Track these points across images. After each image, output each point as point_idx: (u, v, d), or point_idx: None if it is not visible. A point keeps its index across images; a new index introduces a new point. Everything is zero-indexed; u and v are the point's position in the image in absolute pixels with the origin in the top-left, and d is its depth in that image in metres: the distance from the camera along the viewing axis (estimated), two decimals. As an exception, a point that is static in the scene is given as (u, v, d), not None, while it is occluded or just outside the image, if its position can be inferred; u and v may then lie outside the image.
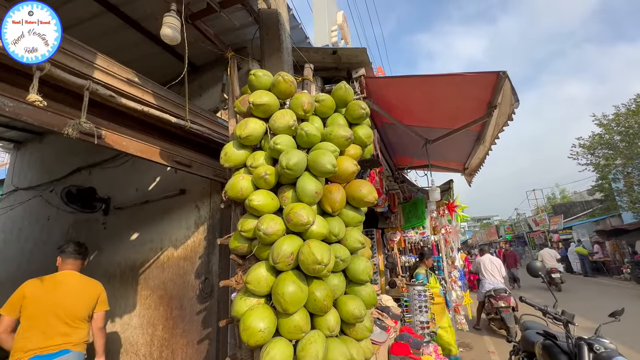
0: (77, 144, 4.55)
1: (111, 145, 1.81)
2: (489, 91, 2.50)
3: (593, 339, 1.87)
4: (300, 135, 1.55)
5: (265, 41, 2.22)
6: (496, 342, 5.70)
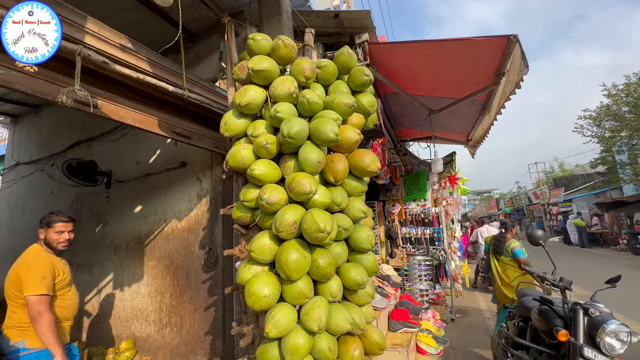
0: (74, 117, 4.49)
1: (108, 115, 1.77)
2: (497, 57, 2.40)
3: (589, 304, 1.93)
4: (302, 103, 1.50)
5: (263, 3, 2.10)
6: (492, 308, 5.92)
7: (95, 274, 3.90)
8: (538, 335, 2.26)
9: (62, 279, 2.01)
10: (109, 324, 3.58)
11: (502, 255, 3.72)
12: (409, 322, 2.75)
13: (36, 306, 1.80)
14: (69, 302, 2.08)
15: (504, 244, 3.67)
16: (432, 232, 5.65)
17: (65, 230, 2.05)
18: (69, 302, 2.08)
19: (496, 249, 3.81)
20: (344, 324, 1.36)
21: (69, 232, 2.08)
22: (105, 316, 3.65)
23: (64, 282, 2.03)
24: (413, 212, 5.86)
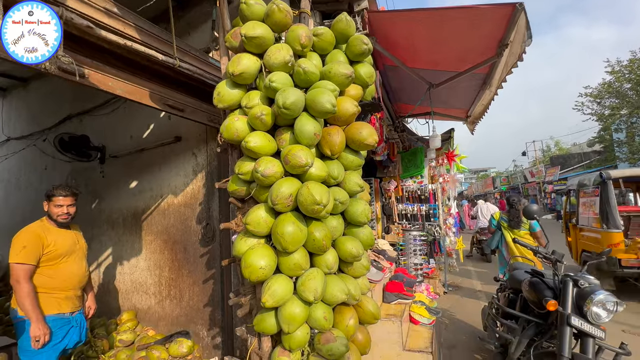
0: (63, 90, 4.36)
1: (96, 85, 1.70)
2: (502, 26, 2.31)
3: (579, 275, 1.98)
4: (298, 73, 1.44)
5: (256, -34, 1.97)
6: (483, 281, 6.10)
7: (94, 248, 3.93)
8: (527, 306, 2.34)
9: (53, 249, 2.01)
10: (109, 296, 3.66)
11: (518, 229, 3.89)
12: (403, 294, 2.83)
13: (14, 273, 1.88)
14: (64, 272, 2.07)
15: (520, 217, 3.78)
16: (428, 209, 5.70)
17: (65, 204, 2.08)
18: (64, 272, 2.07)
19: (512, 223, 3.94)
20: (339, 294, 1.39)
21: (69, 205, 2.11)
22: (106, 289, 3.72)
23: (55, 252, 2.02)
24: (410, 189, 5.88)
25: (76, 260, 2.17)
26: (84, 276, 2.22)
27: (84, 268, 2.23)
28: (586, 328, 1.81)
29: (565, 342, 1.79)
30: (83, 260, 2.25)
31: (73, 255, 2.15)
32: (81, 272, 2.20)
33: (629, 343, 1.93)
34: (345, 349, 1.35)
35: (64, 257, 2.08)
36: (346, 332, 1.43)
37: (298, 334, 1.33)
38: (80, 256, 2.23)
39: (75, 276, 2.15)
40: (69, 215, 2.12)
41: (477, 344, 3.29)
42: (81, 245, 2.27)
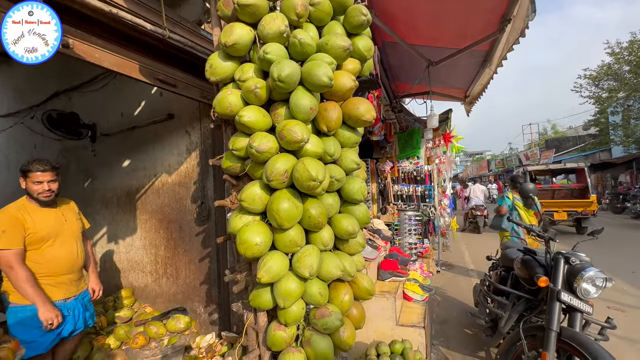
0: (49, 65, 4.18)
1: (82, 56, 1.62)
2: (504, 1, 2.23)
3: (570, 253, 2.02)
4: (294, 44, 1.38)
5: None
6: (475, 261, 6.24)
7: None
8: (518, 283, 2.39)
9: (32, 232, 1.82)
10: (106, 274, 3.67)
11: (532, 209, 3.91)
12: (397, 272, 2.88)
13: (2, 261, 1.74)
14: (50, 257, 1.88)
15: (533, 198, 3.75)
16: (424, 190, 5.73)
17: (44, 180, 1.84)
18: (50, 257, 1.88)
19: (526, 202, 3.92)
20: (335, 270, 1.39)
21: (49, 182, 1.87)
22: (102, 268, 3.73)
23: (36, 235, 1.83)
24: (406, 170, 5.89)
25: (64, 242, 1.96)
26: (76, 259, 2.01)
27: (74, 250, 2.00)
28: (575, 303, 1.86)
29: (554, 317, 1.84)
30: (74, 241, 2.02)
31: (60, 237, 1.94)
32: (71, 255, 1.98)
33: (614, 317, 2.01)
34: (340, 323, 1.37)
35: (47, 240, 1.88)
36: (341, 307, 1.45)
37: (294, 309, 1.34)
38: (70, 237, 2.00)
39: (64, 260, 1.94)
40: (52, 193, 1.89)
41: (468, 319, 3.40)
42: (71, 225, 2.03)
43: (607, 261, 5.46)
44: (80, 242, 2.09)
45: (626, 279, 4.73)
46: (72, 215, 2.09)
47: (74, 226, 2.07)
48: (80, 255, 2.06)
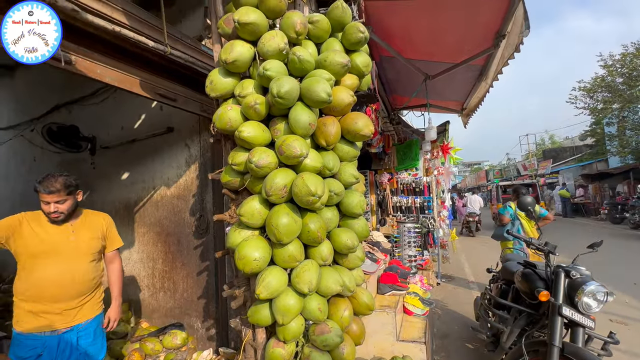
0: (51, 78, 4.24)
1: (84, 72, 1.64)
2: (499, 17, 2.29)
3: (570, 266, 2.01)
4: (293, 61, 1.41)
5: (250, -50, 1.91)
6: (476, 273, 6.19)
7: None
8: (519, 296, 2.37)
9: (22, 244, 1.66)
10: (102, 289, 3.62)
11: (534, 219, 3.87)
12: (397, 286, 2.85)
13: None
14: (36, 276, 1.66)
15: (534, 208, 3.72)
16: (423, 201, 5.73)
17: (51, 201, 1.69)
18: (36, 276, 1.66)
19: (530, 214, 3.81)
20: (334, 286, 1.38)
21: (57, 202, 1.70)
22: (99, 282, 3.68)
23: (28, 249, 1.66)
24: (404, 182, 5.90)
25: (59, 262, 1.70)
26: (73, 284, 1.72)
27: (73, 273, 1.72)
28: (577, 318, 1.84)
29: (556, 332, 1.82)
30: (76, 263, 1.76)
31: (57, 256, 1.70)
32: (65, 279, 1.69)
33: (616, 332, 1.98)
34: (339, 340, 1.35)
35: (39, 257, 1.68)
36: (341, 323, 1.43)
37: (293, 326, 1.33)
38: (71, 257, 1.74)
39: (53, 284, 1.67)
40: (61, 214, 1.72)
41: (469, 333, 3.34)
42: (79, 244, 1.78)
43: (607, 273, 5.42)
44: (88, 265, 1.81)
45: (628, 291, 4.69)
46: (88, 233, 1.85)
47: (85, 246, 1.81)
48: (82, 281, 1.76)
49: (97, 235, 1.89)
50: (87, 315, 1.80)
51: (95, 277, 1.85)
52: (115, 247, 2.02)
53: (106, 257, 2.00)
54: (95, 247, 1.87)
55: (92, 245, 1.85)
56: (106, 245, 1.97)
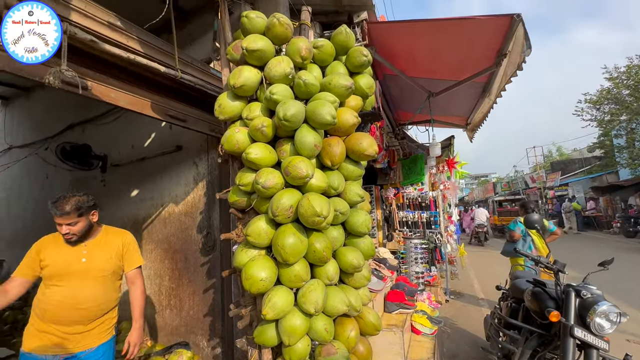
0: (65, 99, 4.39)
1: (99, 97, 1.72)
2: (499, 37, 2.34)
3: (581, 285, 1.97)
4: (298, 85, 1.46)
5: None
6: (485, 290, 6.05)
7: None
8: (530, 315, 2.32)
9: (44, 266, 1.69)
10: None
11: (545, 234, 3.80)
12: (405, 304, 2.81)
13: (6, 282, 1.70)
14: (49, 298, 1.66)
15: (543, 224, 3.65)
16: (429, 216, 5.69)
17: (63, 223, 1.67)
18: (49, 298, 1.66)
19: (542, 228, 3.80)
20: (340, 306, 1.38)
21: (68, 225, 1.68)
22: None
23: (45, 270, 1.69)
24: (410, 196, 5.89)
25: (68, 285, 1.67)
26: (77, 309, 1.66)
27: (76, 297, 1.67)
28: (589, 339, 1.79)
29: (568, 354, 1.77)
30: (88, 286, 1.71)
31: (67, 278, 1.68)
32: (73, 302, 1.65)
33: (633, 353, 1.91)
34: (346, 362, 1.34)
35: (52, 278, 1.69)
36: (347, 343, 1.42)
37: (299, 346, 1.32)
38: (83, 280, 1.71)
39: (57, 306, 1.65)
40: (74, 235, 1.70)
41: (479, 353, 3.25)
42: (92, 265, 1.75)
43: (621, 289, 5.26)
44: (100, 288, 1.76)
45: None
46: (101, 254, 1.81)
47: (97, 267, 1.77)
48: (91, 305, 1.71)
49: (111, 255, 1.84)
50: (92, 342, 1.73)
51: (105, 302, 1.78)
52: (135, 266, 1.95)
53: (127, 277, 1.93)
54: (109, 268, 1.81)
55: (105, 267, 1.80)
56: (124, 264, 1.90)
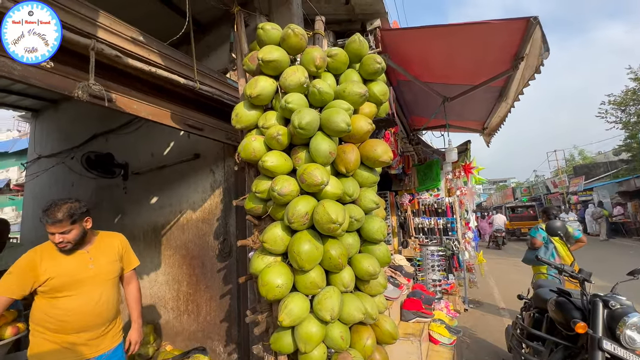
0: (90, 111, 4.60)
1: (122, 108, 1.80)
2: (516, 40, 2.30)
3: (609, 296, 1.87)
4: (313, 93, 1.48)
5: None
6: (506, 299, 5.85)
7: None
8: (554, 326, 2.22)
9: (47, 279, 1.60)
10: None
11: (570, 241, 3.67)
12: (422, 312, 2.75)
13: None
14: (61, 309, 1.61)
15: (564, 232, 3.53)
16: (446, 223, 5.57)
17: (55, 232, 1.61)
18: (61, 309, 1.61)
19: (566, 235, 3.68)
20: (356, 313, 1.37)
21: (61, 233, 1.62)
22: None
23: (50, 283, 1.61)
24: (426, 202, 5.79)
25: (83, 293, 1.66)
26: (99, 312, 1.70)
27: (98, 302, 1.69)
28: (620, 353, 1.70)
29: (597, 368, 1.69)
30: (98, 291, 1.72)
31: (80, 286, 1.66)
32: (91, 309, 1.67)
33: (669, 369, 1.80)
34: (363, 371, 1.32)
35: (63, 290, 1.63)
36: (363, 352, 1.41)
37: (315, 354, 1.32)
38: (94, 286, 1.70)
39: (79, 314, 1.63)
40: (68, 244, 1.64)
41: (501, 365, 3.14)
42: (99, 271, 1.74)
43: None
44: (111, 291, 1.79)
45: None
46: (105, 258, 1.81)
47: (105, 271, 1.78)
48: (107, 308, 1.74)
49: (115, 258, 1.85)
50: (111, 344, 1.78)
51: (116, 303, 1.83)
52: (133, 267, 2.00)
53: (124, 278, 1.96)
54: (115, 270, 1.84)
55: (111, 270, 1.82)
56: (124, 266, 1.93)
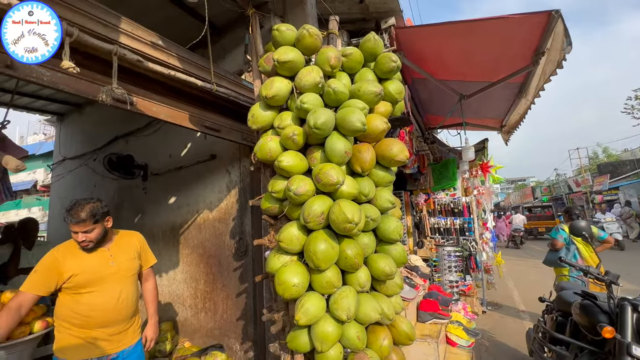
0: (112, 114, 4.76)
1: (143, 111, 1.85)
2: (537, 35, 2.23)
3: (638, 299, 1.79)
4: (328, 93, 1.48)
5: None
6: (526, 301, 5.68)
7: (136, 261, 4.17)
8: (579, 330, 2.14)
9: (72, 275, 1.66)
10: (149, 307, 3.84)
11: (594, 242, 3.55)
12: (439, 314, 2.71)
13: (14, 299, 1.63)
14: (85, 305, 1.68)
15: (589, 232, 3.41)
16: (462, 223, 5.47)
17: (79, 231, 1.68)
18: (85, 305, 1.68)
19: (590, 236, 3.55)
20: (373, 313, 1.36)
21: (84, 232, 1.69)
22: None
23: (74, 280, 1.67)
24: (442, 202, 5.69)
25: (106, 290, 1.73)
26: (120, 309, 1.76)
27: (119, 298, 1.76)
28: (651, 359, 1.63)
29: (626, 374, 1.62)
30: (119, 288, 1.78)
31: (102, 283, 1.73)
32: (113, 305, 1.73)
33: None
34: (379, 371, 1.32)
35: (86, 286, 1.69)
36: (380, 352, 1.40)
37: (331, 353, 1.32)
38: (115, 283, 1.77)
39: (102, 311, 1.69)
40: (90, 242, 1.72)
41: (522, 370, 3.05)
42: (120, 268, 1.81)
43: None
44: (131, 287, 1.86)
45: None
46: (125, 255, 1.88)
47: (125, 268, 1.85)
48: (127, 304, 1.80)
49: (134, 256, 1.93)
50: (131, 340, 1.84)
51: (135, 300, 1.89)
52: (150, 264, 2.08)
53: (142, 275, 2.05)
54: (134, 267, 1.91)
55: (131, 267, 1.89)
56: (142, 263, 2.01)
